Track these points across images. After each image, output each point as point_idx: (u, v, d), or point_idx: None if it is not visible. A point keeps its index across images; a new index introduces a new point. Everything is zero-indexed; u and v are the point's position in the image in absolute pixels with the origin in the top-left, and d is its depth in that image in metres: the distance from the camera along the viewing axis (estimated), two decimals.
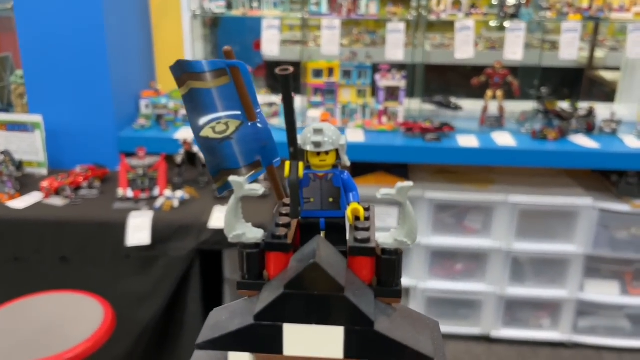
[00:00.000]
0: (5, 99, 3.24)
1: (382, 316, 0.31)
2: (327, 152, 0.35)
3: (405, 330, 0.32)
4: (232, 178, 0.33)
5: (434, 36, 4.39)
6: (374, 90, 2.98)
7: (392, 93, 2.93)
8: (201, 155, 2.59)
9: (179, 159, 2.57)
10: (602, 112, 3.02)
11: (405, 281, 3.10)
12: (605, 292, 2.98)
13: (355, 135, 2.75)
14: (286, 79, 0.35)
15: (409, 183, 0.33)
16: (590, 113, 2.95)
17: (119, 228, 2.27)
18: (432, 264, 3.06)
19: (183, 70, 0.35)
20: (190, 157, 2.57)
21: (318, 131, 0.34)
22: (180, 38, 3.11)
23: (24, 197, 2.46)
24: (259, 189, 0.33)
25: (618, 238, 2.87)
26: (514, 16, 2.81)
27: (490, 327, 3.05)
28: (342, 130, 0.38)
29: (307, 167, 0.36)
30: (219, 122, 0.36)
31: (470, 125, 2.97)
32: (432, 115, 3.03)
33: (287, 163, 0.34)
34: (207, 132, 0.36)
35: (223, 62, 0.36)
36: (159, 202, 2.37)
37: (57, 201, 2.42)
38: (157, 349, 2.41)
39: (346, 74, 2.90)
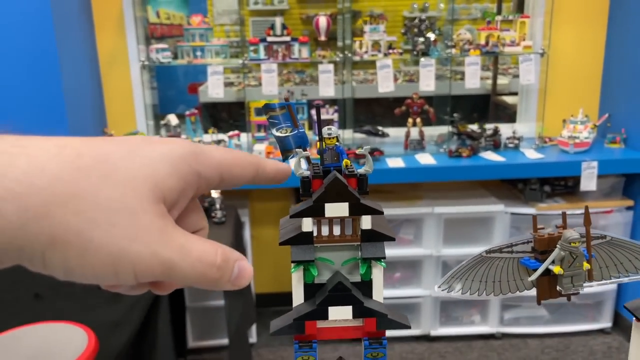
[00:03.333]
0: None
1: (362, 199, 0.64)
2: (333, 137, 0.68)
3: (372, 204, 0.65)
4: (297, 150, 0.65)
5: (358, 72, 4.84)
6: (311, 124, 3.35)
7: (326, 125, 3.31)
8: None
9: None
10: (505, 131, 3.53)
11: None
12: None
13: None
14: (318, 108, 0.69)
15: (368, 147, 0.68)
16: (496, 132, 3.44)
17: None
18: None
19: (266, 108, 0.67)
20: None
21: (329, 129, 0.67)
22: (129, 86, 3.37)
23: None
24: (307, 154, 0.66)
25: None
26: (425, 54, 3.28)
27: (429, 327, 3.42)
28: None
29: (325, 145, 0.69)
30: (283, 129, 0.69)
31: (396, 149, 3.39)
32: (363, 142, 3.43)
33: (317, 143, 0.67)
34: (278, 134, 0.68)
35: (284, 103, 0.69)
36: None
37: None
38: None
39: None
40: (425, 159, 3.24)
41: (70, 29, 3.00)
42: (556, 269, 0.71)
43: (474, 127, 3.51)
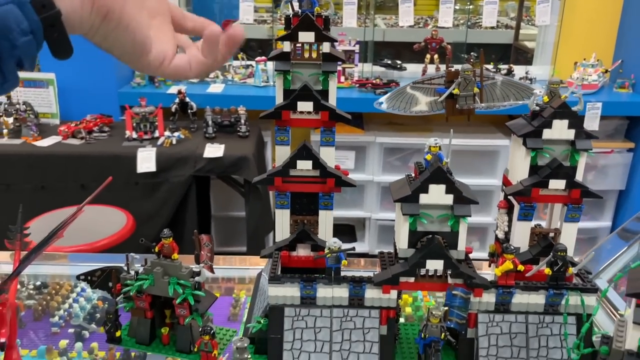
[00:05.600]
0: None
1: (325, 32, 0.90)
2: None
3: (331, 35, 0.91)
4: None
5: (390, 17, 4.99)
6: None
7: (348, 56, 3.54)
8: (192, 104, 3.14)
9: (173, 107, 3.11)
10: (520, 72, 3.70)
11: (360, 213, 3.74)
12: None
13: None
14: None
15: None
16: (510, 72, 3.62)
17: (129, 161, 2.82)
18: (382, 199, 3.70)
19: None
20: (183, 105, 3.11)
21: None
22: None
23: (45, 139, 2.97)
24: (291, 1, 0.93)
25: None
26: None
27: None
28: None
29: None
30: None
31: None
32: (381, 74, 3.65)
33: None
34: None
35: None
36: (160, 140, 2.92)
37: (74, 141, 2.94)
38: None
39: None
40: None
41: None
42: (455, 91, 0.98)
43: (489, 66, 3.68)
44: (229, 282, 1.79)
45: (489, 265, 1.13)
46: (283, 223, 1.07)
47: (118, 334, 1.04)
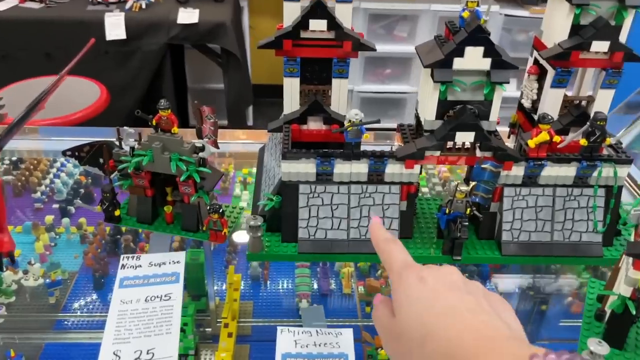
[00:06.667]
0: None
1: None
2: None
3: None
4: None
5: None
6: None
7: None
8: None
9: None
10: None
11: None
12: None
13: None
14: None
15: None
16: None
17: (96, 27, 2.58)
18: (366, 70, 3.56)
19: None
20: None
21: None
22: None
23: (0, 3, 2.68)
24: None
25: (518, 40, 3.44)
26: None
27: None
28: None
29: None
30: None
31: None
32: None
33: None
34: None
35: None
36: (128, 4, 2.66)
37: (32, 5, 2.66)
38: None
39: None
40: None
41: None
42: None
43: None
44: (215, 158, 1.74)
45: (508, 137, 1.07)
46: (292, 93, 0.97)
47: (117, 213, 0.97)
